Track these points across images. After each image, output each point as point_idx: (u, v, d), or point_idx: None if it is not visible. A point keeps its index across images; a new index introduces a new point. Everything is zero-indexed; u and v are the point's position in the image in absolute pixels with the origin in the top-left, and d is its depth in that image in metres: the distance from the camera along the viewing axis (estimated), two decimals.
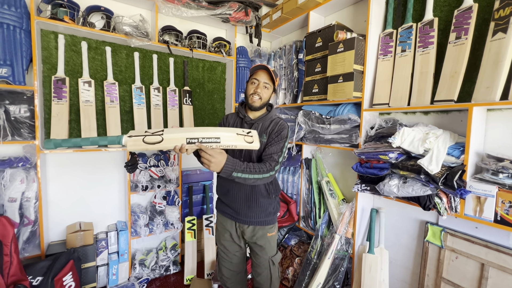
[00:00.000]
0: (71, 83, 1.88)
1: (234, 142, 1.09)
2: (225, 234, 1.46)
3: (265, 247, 1.41)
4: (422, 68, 1.44)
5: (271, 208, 1.41)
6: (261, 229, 1.39)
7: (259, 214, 1.37)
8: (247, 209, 1.37)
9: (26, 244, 1.69)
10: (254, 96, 1.31)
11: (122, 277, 2.05)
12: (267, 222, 1.39)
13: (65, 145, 1.02)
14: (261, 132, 1.33)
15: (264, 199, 1.37)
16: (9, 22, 1.54)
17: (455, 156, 1.26)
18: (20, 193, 1.64)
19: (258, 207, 1.37)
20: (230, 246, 1.47)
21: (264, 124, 1.36)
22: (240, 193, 1.37)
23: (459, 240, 1.38)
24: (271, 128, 1.33)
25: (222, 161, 1.07)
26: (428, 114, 1.54)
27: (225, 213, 1.45)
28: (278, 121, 1.36)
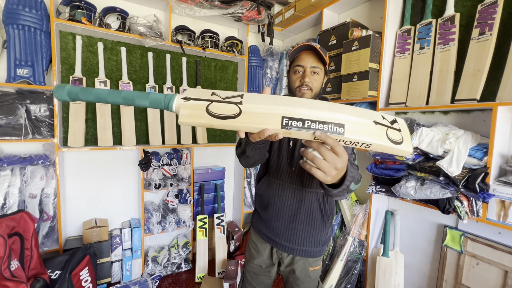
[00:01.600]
0: (88, 83, 1.93)
1: (370, 138, 0.56)
2: (257, 258, 1.16)
3: (304, 281, 1.10)
4: (442, 66, 1.39)
5: (321, 236, 1.08)
6: (302, 261, 1.08)
7: (305, 242, 1.05)
8: (289, 233, 1.05)
9: (45, 239, 1.75)
10: (303, 88, 0.99)
11: (135, 273, 2.09)
12: (313, 253, 1.07)
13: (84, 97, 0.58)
14: None
15: (316, 223, 1.05)
16: (30, 24, 1.59)
17: (477, 157, 1.21)
18: (40, 189, 1.70)
19: (306, 231, 1.05)
20: (260, 271, 1.17)
21: None
22: (283, 210, 1.05)
23: (480, 245, 1.32)
24: None
25: (345, 167, 0.62)
26: (447, 114, 1.48)
27: (261, 232, 1.14)
28: None
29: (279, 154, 1.07)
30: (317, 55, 0.99)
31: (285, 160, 1.05)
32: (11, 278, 1.15)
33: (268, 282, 1.20)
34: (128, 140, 2.01)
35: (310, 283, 1.12)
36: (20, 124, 1.64)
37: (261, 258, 1.15)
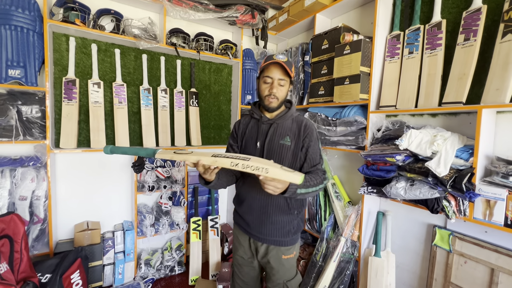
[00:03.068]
0: (81, 85, 1.92)
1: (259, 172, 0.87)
2: (239, 248, 1.30)
3: (278, 269, 1.21)
4: (430, 70, 1.44)
5: (290, 227, 1.19)
6: (275, 249, 1.19)
7: (275, 232, 1.17)
8: (260, 225, 1.18)
9: (35, 242, 1.72)
10: (270, 98, 1.12)
11: (128, 276, 2.06)
12: (283, 242, 1.18)
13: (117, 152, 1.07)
14: (283, 133, 1.16)
15: (283, 215, 1.17)
16: (23, 25, 1.58)
17: (463, 158, 1.25)
18: (30, 191, 1.68)
19: (274, 223, 1.17)
20: (243, 262, 1.31)
21: (285, 124, 1.18)
22: (254, 204, 1.19)
23: (468, 244, 1.35)
24: (296, 130, 1.16)
25: (285, 186, 0.94)
26: (436, 117, 1.52)
27: (239, 225, 1.29)
28: (301, 120, 1.18)
29: (247, 150, 1.22)
30: (284, 69, 1.11)
31: (252, 153, 1.18)
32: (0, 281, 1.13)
33: (253, 274, 1.32)
34: (122, 142, 2.00)
35: (285, 272, 1.22)
36: (11, 125, 1.62)
37: (242, 249, 1.29)
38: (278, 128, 1.17)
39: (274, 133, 1.17)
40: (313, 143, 1.14)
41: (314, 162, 1.13)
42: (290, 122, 1.19)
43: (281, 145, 1.14)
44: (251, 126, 1.24)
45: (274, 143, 1.15)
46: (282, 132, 1.16)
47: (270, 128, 1.17)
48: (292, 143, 1.14)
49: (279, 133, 1.16)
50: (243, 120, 1.31)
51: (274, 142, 1.15)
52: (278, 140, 1.15)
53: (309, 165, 1.13)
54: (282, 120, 1.18)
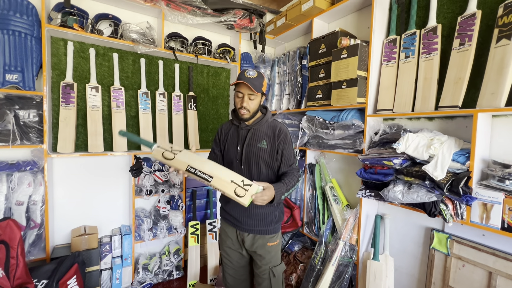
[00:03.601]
0: (79, 89, 1.92)
1: (223, 188, 1.08)
2: (227, 240, 1.44)
3: (264, 256, 1.36)
4: (426, 74, 1.45)
5: (272, 217, 1.35)
6: (261, 238, 1.35)
7: (259, 223, 1.33)
8: (246, 218, 1.34)
9: (32, 247, 1.71)
10: (242, 110, 1.27)
11: (125, 281, 2.05)
12: (267, 231, 1.35)
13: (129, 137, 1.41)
14: (260, 137, 1.31)
15: (264, 208, 1.32)
16: (20, 30, 1.58)
17: (460, 162, 1.25)
18: (27, 196, 1.67)
19: (258, 215, 1.33)
20: (232, 253, 1.45)
21: (261, 129, 1.33)
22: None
23: (465, 247, 1.36)
24: (271, 134, 1.30)
25: (272, 194, 1.13)
26: (432, 120, 1.53)
27: (226, 219, 1.44)
28: (276, 125, 1.32)
29: (230, 158, 1.38)
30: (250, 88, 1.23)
31: (236, 162, 1.35)
32: None
33: (243, 262, 1.47)
34: (119, 146, 2.00)
35: (271, 259, 1.38)
36: (8, 130, 1.62)
37: (230, 241, 1.44)
38: (255, 133, 1.32)
39: (252, 137, 1.32)
40: (287, 146, 1.29)
41: (289, 162, 1.30)
42: (266, 127, 1.34)
43: (259, 148, 1.30)
44: (232, 132, 1.40)
45: (252, 147, 1.31)
46: (259, 136, 1.31)
47: (248, 133, 1.33)
48: (268, 146, 1.30)
49: (256, 137, 1.31)
50: (225, 126, 1.46)
51: (252, 146, 1.31)
52: (255, 144, 1.30)
53: (286, 165, 1.30)
54: (258, 126, 1.33)
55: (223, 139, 1.42)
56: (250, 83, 1.21)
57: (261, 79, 1.27)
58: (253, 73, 1.25)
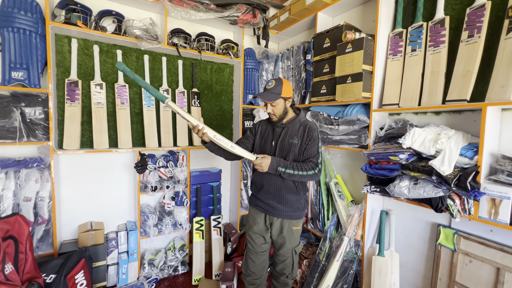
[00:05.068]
0: (84, 86, 1.93)
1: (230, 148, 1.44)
2: (254, 226, 1.61)
3: (289, 238, 1.54)
4: (433, 67, 1.42)
5: (299, 204, 1.54)
6: (287, 222, 1.53)
7: (288, 209, 1.51)
8: (277, 204, 1.52)
9: (40, 243, 1.74)
10: (270, 115, 1.51)
11: (131, 276, 2.07)
12: (294, 216, 1.53)
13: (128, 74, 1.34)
14: (292, 134, 1.49)
15: (293, 195, 1.51)
16: (25, 27, 1.59)
17: (468, 157, 1.23)
18: (34, 192, 1.69)
19: (288, 202, 1.51)
20: (257, 238, 1.61)
21: (294, 127, 1.50)
22: (271, 189, 1.52)
23: (473, 243, 1.34)
24: (302, 132, 1.47)
25: (269, 162, 1.39)
26: (439, 115, 1.51)
27: (257, 206, 1.60)
28: (307, 124, 1.49)
29: (265, 151, 1.57)
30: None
31: (269, 149, 1.56)
32: (5, 281, 1.14)
33: (265, 247, 1.64)
34: (124, 143, 2.01)
35: (294, 240, 1.58)
36: (14, 127, 1.64)
37: (257, 226, 1.60)
38: (288, 131, 1.51)
39: (285, 134, 1.51)
40: (312, 141, 1.45)
41: (309, 155, 1.45)
42: (298, 125, 1.51)
43: (291, 143, 1.48)
44: (268, 129, 1.60)
45: (285, 142, 1.49)
46: (291, 134, 1.49)
47: (282, 131, 1.52)
48: (299, 142, 1.47)
49: (289, 134, 1.50)
50: (263, 122, 1.67)
51: (285, 141, 1.50)
52: (288, 140, 1.49)
53: (305, 156, 1.46)
54: (291, 125, 1.52)
55: (260, 133, 1.62)
56: (262, 97, 1.44)
57: (279, 87, 1.44)
58: (271, 83, 1.45)
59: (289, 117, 1.53)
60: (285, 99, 1.47)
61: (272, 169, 1.38)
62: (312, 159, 1.44)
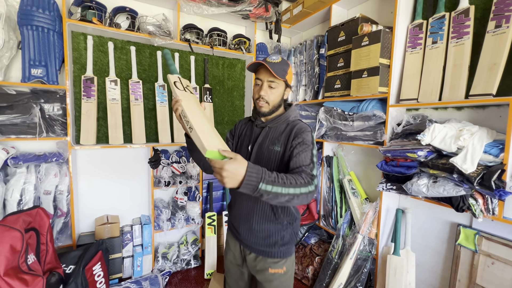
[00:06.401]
0: (99, 82, 1.96)
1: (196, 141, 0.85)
2: (229, 253, 1.20)
3: (264, 285, 1.07)
4: (455, 60, 1.35)
5: (277, 237, 1.06)
6: (262, 261, 1.07)
7: (260, 241, 1.06)
8: (247, 231, 1.08)
9: (59, 234, 1.80)
10: (260, 101, 1.04)
11: (146, 268, 2.12)
12: (270, 253, 1.05)
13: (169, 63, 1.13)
14: (274, 138, 1.05)
15: (268, 224, 1.05)
16: (43, 25, 1.63)
17: (493, 154, 1.17)
18: (54, 186, 1.75)
19: (259, 232, 1.06)
20: (233, 269, 1.19)
21: (278, 128, 1.07)
22: (241, 211, 1.10)
23: (496, 244, 1.28)
24: (287, 134, 1.03)
25: (241, 171, 0.75)
26: (461, 110, 1.44)
27: (230, 230, 1.21)
28: (295, 124, 1.05)
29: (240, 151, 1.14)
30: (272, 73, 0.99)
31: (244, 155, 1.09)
32: (28, 271, 1.19)
33: (241, 284, 1.19)
34: (138, 138, 2.04)
35: None
36: (34, 123, 1.69)
37: (232, 255, 1.18)
38: (270, 133, 1.08)
39: (265, 137, 1.08)
40: (302, 145, 0.97)
41: (300, 163, 0.94)
42: (284, 126, 1.07)
43: (270, 150, 1.04)
44: (247, 128, 1.18)
45: (264, 148, 1.06)
46: (273, 137, 1.06)
47: (262, 131, 1.09)
48: (281, 149, 1.02)
49: (270, 138, 1.06)
50: (243, 121, 1.25)
51: (263, 147, 1.06)
52: (268, 145, 1.05)
53: (294, 164, 0.94)
54: (275, 124, 1.08)
55: (238, 134, 1.22)
56: (271, 66, 0.99)
57: (285, 66, 1.04)
58: (276, 57, 1.03)
59: (276, 113, 1.09)
60: (287, 85, 1.08)
61: (249, 185, 0.76)
62: (305, 169, 0.91)
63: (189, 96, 1.04)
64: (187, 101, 0.99)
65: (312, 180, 0.88)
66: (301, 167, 0.92)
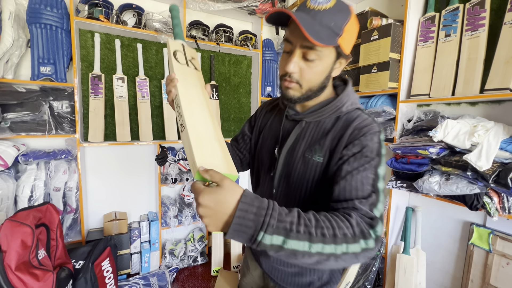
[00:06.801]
0: (106, 80, 1.97)
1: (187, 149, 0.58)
2: (247, 275, 0.93)
3: None
4: (470, 54, 1.30)
5: (313, 276, 0.76)
6: None
7: (288, 279, 0.78)
8: (270, 262, 0.80)
9: (69, 230, 1.83)
10: (285, 81, 0.64)
11: (153, 265, 2.14)
12: None
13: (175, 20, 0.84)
14: (314, 139, 0.67)
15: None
16: (51, 23, 1.64)
17: (509, 151, 1.13)
18: (63, 183, 1.77)
19: (287, 265, 0.77)
20: None
21: (322, 124, 0.68)
22: None
23: (511, 244, 1.24)
24: (335, 135, 0.64)
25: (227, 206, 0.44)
26: (475, 105, 1.39)
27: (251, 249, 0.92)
28: (352, 118, 0.65)
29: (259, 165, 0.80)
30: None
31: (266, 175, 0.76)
32: (38, 266, 1.21)
33: None
34: (145, 135, 2.04)
35: None
36: (44, 120, 1.71)
37: (251, 278, 0.91)
38: (307, 130, 0.68)
39: (299, 137, 0.69)
40: (364, 160, 0.58)
41: (352, 192, 0.56)
42: (333, 121, 0.67)
43: (307, 160, 0.66)
44: (273, 119, 0.80)
45: (296, 156, 0.68)
46: (313, 138, 0.67)
47: (294, 128, 0.70)
48: (325, 159, 0.63)
49: (307, 139, 0.67)
50: (269, 105, 0.86)
51: (296, 154, 0.68)
52: (303, 151, 0.67)
53: (341, 194, 0.56)
54: (317, 116, 0.67)
55: (259, 126, 0.84)
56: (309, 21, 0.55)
57: (341, 16, 0.59)
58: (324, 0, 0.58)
59: (318, 99, 0.69)
60: (340, 54, 0.64)
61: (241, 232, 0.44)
62: (360, 205, 0.54)
63: (190, 75, 0.74)
64: (186, 82, 0.69)
65: (372, 228, 0.52)
66: (353, 200, 0.54)
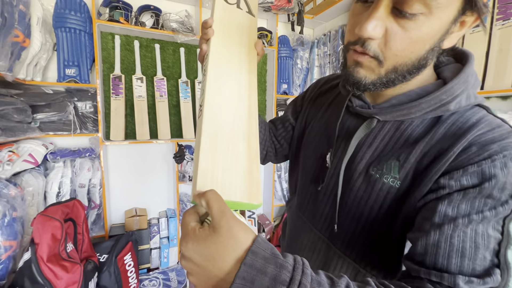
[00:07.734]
0: (126, 80, 2.03)
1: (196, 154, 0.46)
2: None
3: None
4: (501, 45, 1.23)
5: None
6: None
7: None
8: None
9: (93, 225, 1.91)
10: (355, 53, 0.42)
11: (172, 260, 2.20)
12: None
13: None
14: (392, 150, 0.45)
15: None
16: (75, 27, 1.71)
17: None
18: (87, 180, 1.85)
19: None
20: None
21: (407, 128, 0.44)
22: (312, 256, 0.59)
23: None
24: (433, 149, 0.40)
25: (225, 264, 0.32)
26: (507, 99, 1.31)
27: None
28: (469, 123, 0.39)
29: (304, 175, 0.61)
30: None
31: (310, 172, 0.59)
32: (67, 258, 1.28)
33: None
34: (164, 134, 2.09)
35: None
36: (69, 120, 1.79)
37: None
38: (381, 134, 0.47)
39: (364, 142, 0.48)
40: (481, 205, 0.36)
41: (450, 261, 0.35)
42: (429, 124, 0.43)
43: (372, 178, 0.46)
44: (327, 108, 0.60)
45: (355, 168, 0.49)
46: (386, 147, 0.46)
47: (359, 127, 0.49)
48: (405, 183, 0.43)
49: (377, 147, 0.47)
50: (325, 85, 0.64)
51: (355, 165, 0.49)
52: (367, 163, 0.48)
53: (425, 255, 0.37)
54: (399, 115, 0.44)
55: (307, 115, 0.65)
56: None
57: None
58: None
59: (412, 84, 0.44)
60: (465, 9, 0.35)
61: None
62: (453, 280, 0.33)
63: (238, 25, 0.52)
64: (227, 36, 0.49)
65: None
66: (455, 276, 0.34)
